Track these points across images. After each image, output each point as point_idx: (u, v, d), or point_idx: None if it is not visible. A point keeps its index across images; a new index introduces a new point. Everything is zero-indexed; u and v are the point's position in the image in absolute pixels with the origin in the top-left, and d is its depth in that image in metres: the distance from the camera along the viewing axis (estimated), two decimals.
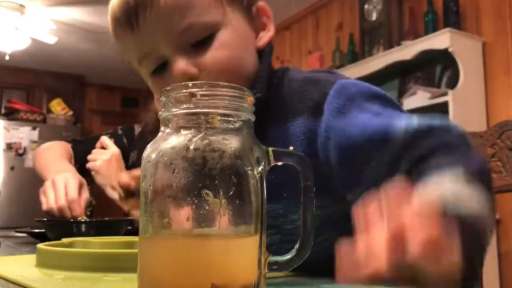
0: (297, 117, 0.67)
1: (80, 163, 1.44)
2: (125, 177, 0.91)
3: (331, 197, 0.64)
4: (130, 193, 0.90)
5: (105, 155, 1.45)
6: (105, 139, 1.19)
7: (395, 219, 0.36)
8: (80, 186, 1.20)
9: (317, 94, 0.66)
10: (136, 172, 0.91)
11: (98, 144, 1.39)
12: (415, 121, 0.56)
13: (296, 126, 0.67)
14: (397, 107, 0.64)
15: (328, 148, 0.63)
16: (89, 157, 1.46)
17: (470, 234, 0.41)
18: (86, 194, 1.21)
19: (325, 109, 0.64)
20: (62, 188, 1.15)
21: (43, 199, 1.16)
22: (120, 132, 1.61)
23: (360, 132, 0.59)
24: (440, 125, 0.55)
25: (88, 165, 1.44)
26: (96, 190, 1.29)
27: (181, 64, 0.67)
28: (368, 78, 2.86)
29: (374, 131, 0.58)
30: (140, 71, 0.72)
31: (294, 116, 0.67)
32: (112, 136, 1.44)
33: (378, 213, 0.38)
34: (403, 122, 0.56)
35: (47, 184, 1.18)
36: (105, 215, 1.18)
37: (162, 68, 0.70)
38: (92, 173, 1.44)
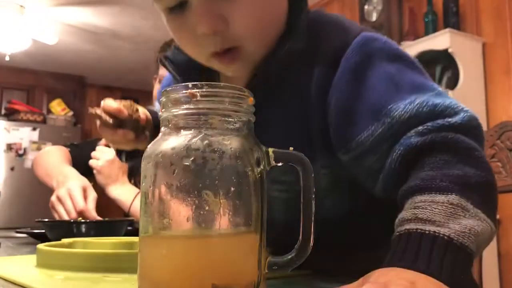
0: (319, 65, 0.63)
1: (79, 166, 1.45)
2: (113, 103, 0.76)
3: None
4: (119, 122, 0.77)
5: (108, 154, 1.45)
6: None
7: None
8: (84, 190, 1.22)
9: (339, 43, 0.63)
10: (126, 101, 0.80)
11: (103, 141, 1.40)
12: (417, 101, 0.55)
13: (316, 74, 0.63)
14: (418, 71, 0.63)
15: (330, 105, 0.62)
16: (93, 154, 1.47)
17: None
18: (92, 194, 1.24)
19: (341, 63, 0.61)
20: (69, 202, 1.19)
21: (55, 215, 1.22)
22: None
23: (361, 100, 0.59)
24: (445, 109, 0.54)
25: (91, 162, 1.46)
26: (96, 190, 1.29)
27: (206, 17, 0.57)
28: None
29: (369, 105, 0.58)
30: (155, 5, 0.62)
31: (318, 62, 0.63)
32: None
33: None
34: (404, 103, 0.55)
35: (54, 201, 1.22)
36: (105, 215, 1.19)
37: (180, 6, 0.59)
38: (94, 171, 1.45)
